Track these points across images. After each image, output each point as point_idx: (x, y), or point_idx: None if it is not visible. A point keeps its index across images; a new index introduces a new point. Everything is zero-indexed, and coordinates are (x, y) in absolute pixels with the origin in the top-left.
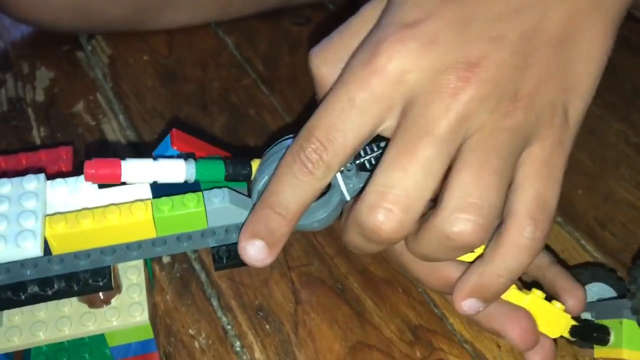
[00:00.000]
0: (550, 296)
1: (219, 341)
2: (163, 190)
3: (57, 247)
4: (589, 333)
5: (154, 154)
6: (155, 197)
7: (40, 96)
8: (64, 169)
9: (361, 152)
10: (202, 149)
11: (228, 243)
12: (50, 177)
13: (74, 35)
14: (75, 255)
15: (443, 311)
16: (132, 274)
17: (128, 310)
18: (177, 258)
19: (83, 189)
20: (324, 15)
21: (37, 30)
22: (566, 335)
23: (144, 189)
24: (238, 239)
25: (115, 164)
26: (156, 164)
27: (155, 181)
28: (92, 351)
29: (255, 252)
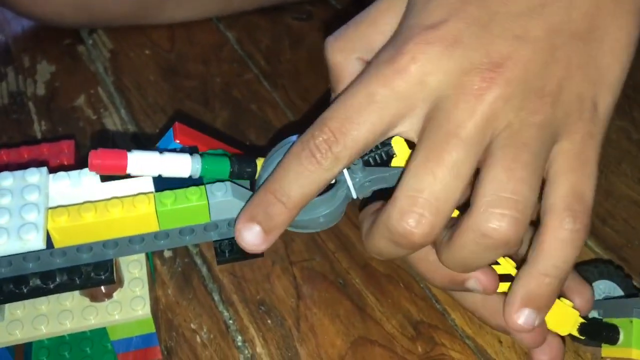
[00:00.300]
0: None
1: (220, 336)
2: (165, 183)
3: (60, 240)
4: (598, 331)
5: (158, 147)
6: (158, 191)
7: (41, 90)
8: (65, 162)
9: None
10: (205, 142)
11: (230, 237)
12: (52, 171)
13: (75, 29)
14: (78, 248)
15: (445, 306)
16: (134, 268)
17: (130, 304)
18: (179, 252)
19: (85, 182)
20: (325, 10)
21: (38, 24)
22: (575, 333)
23: (146, 182)
24: (235, 222)
25: (122, 156)
26: (162, 157)
27: (159, 175)
28: (94, 345)
29: (250, 237)
